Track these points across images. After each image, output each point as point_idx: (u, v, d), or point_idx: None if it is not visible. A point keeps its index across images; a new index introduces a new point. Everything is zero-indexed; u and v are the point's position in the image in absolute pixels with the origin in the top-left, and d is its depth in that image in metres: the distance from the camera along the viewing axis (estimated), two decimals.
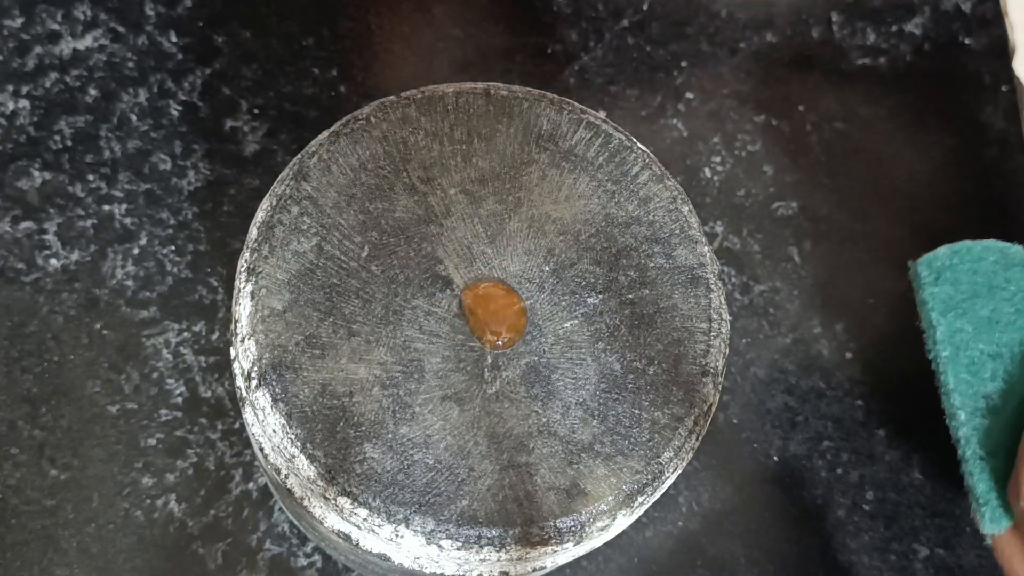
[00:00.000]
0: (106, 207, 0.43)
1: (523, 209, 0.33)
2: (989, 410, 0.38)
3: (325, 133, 0.33)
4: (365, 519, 0.28)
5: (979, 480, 0.37)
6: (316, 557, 0.39)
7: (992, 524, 0.37)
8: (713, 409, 0.32)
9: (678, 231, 0.33)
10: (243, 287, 0.30)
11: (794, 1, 0.54)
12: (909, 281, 0.41)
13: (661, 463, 0.30)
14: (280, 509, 0.40)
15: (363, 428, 0.29)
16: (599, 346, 0.31)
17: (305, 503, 0.29)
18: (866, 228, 0.49)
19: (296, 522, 0.38)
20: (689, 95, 0.50)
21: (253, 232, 0.31)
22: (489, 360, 0.31)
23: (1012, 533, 0.36)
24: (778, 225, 0.48)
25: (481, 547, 0.29)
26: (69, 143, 0.43)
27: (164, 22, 0.46)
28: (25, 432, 0.39)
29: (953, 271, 0.40)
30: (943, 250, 0.40)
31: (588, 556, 0.41)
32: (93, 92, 0.44)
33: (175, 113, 0.45)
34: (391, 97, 0.34)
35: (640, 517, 0.37)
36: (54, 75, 0.44)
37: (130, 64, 0.45)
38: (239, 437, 0.40)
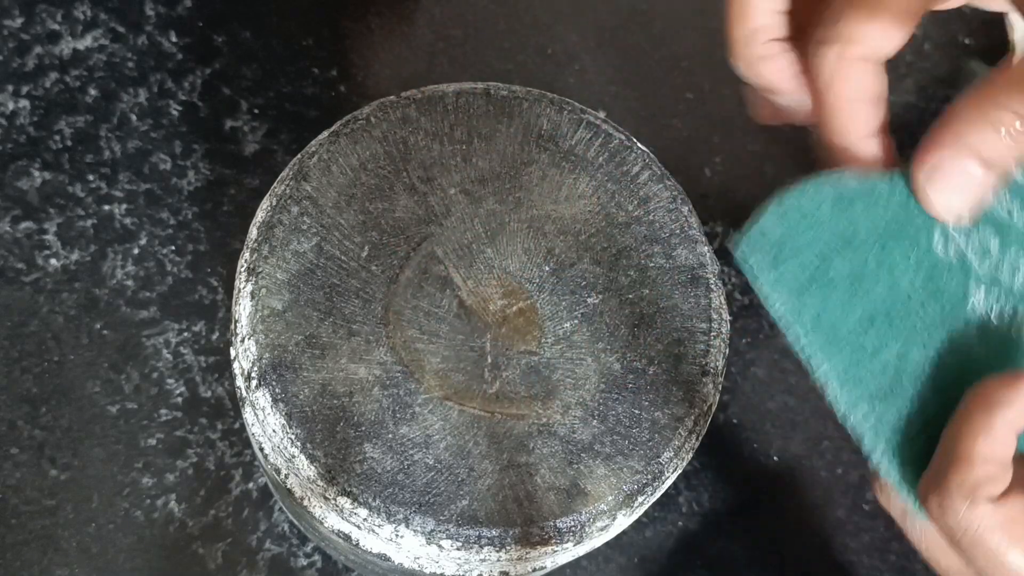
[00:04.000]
0: (106, 207, 0.43)
1: (523, 209, 0.33)
2: (885, 392, 0.30)
3: (325, 133, 0.33)
4: (365, 519, 0.28)
5: (893, 471, 0.30)
6: (316, 557, 0.39)
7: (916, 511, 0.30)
8: (713, 409, 0.32)
9: (678, 231, 0.33)
10: (243, 287, 0.30)
11: None
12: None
13: (661, 463, 0.30)
14: (280, 509, 0.40)
15: (363, 428, 0.29)
16: (599, 346, 0.31)
17: (305, 503, 0.29)
18: None
19: (296, 522, 0.38)
20: (689, 95, 0.50)
21: (253, 232, 0.31)
22: (489, 360, 0.31)
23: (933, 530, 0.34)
24: None
25: (481, 547, 0.29)
26: (69, 143, 0.43)
27: (164, 22, 0.46)
28: (25, 432, 0.39)
29: (791, 241, 0.30)
30: (768, 220, 0.30)
31: (588, 556, 0.41)
32: (93, 92, 0.44)
33: (175, 113, 0.45)
34: (391, 97, 0.34)
35: (640, 517, 0.37)
36: (54, 75, 0.44)
37: (130, 64, 0.45)
38: (239, 437, 0.40)
